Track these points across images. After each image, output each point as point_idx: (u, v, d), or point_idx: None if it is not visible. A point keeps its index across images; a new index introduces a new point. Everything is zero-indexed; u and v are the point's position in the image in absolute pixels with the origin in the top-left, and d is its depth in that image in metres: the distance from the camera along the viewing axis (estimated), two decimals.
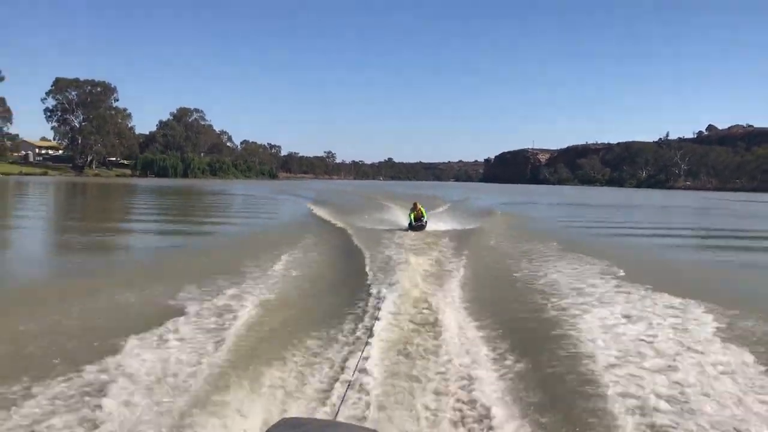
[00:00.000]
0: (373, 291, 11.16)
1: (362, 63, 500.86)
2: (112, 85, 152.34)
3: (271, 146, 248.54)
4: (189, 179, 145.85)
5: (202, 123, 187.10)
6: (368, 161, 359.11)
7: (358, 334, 8.40)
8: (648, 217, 44.80)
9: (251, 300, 10.32)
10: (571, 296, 11.23)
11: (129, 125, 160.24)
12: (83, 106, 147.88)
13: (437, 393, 6.32)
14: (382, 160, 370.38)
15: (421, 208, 24.59)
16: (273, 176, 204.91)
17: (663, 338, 8.33)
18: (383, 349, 7.57)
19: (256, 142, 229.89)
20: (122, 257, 18.78)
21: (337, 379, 6.60)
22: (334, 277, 13.78)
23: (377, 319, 8.93)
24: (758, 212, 55.56)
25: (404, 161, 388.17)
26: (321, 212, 33.20)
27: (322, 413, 5.73)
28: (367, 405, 5.91)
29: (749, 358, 7.45)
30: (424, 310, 9.79)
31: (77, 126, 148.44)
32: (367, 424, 5.42)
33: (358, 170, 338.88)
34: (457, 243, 19.52)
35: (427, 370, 7.01)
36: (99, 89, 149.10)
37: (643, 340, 8.23)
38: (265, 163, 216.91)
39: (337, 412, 5.16)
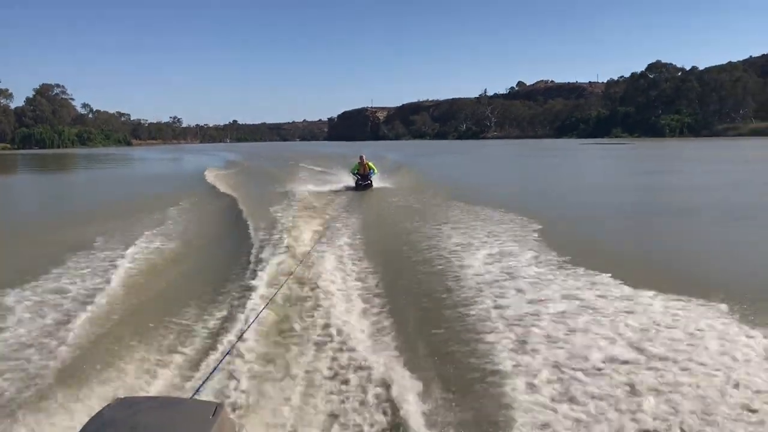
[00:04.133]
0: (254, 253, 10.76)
1: (199, 27, 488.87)
2: None
3: (120, 114, 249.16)
4: (61, 149, 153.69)
5: (64, 97, 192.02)
6: (212, 124, 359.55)
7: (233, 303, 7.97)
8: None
9: (113, 271, 9.78)
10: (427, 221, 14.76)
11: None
12: None
13: (310, 370, 5.76)
14: (227, 122, 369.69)
15: (369, 163, 22.76)
16: (128, 143, 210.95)
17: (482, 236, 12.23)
18: (258, 325, 6.77)
19: (108, 111, 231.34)
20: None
21: (201, 360, 6.08)
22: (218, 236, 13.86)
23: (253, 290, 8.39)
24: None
25: (249, 122, 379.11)
26: None
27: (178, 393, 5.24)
28: (232, 384, 5.41)
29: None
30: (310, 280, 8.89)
31: None
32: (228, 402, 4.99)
33: (204, 134, 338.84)
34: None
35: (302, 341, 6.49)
36: None
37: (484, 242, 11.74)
38: (120, 131, 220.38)
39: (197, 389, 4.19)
